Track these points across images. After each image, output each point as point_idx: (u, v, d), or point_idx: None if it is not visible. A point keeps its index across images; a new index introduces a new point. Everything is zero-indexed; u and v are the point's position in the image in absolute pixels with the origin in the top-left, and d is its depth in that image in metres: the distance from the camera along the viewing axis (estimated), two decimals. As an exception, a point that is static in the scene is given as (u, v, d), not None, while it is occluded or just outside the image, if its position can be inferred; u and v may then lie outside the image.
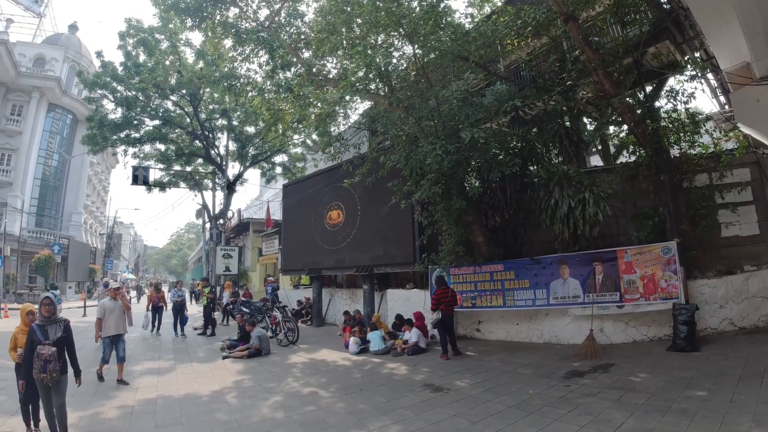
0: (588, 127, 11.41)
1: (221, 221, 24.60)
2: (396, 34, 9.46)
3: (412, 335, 10.15)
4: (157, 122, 22.56)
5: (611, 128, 10.89)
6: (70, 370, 5.28)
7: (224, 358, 10.46)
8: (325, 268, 15.52)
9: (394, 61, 9.68)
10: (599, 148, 12.04)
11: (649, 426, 4.74)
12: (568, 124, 10.12)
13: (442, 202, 9.77)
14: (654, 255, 8.25)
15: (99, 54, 21.14)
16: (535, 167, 10.04)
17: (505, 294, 9.94)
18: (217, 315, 16.73)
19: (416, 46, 9.31)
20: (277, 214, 22.52)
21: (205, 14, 11.21)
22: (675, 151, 9.25)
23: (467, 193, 9.93)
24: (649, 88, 9.77)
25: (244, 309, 14.05)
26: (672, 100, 9.13)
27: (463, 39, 8.94)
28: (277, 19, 11.48)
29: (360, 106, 12.87)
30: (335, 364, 9.52)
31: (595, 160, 13.25)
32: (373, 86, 9.63)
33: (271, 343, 11.30)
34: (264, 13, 11.79)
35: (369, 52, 8.51)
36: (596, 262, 8.81)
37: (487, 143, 8.87)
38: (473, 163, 9.77)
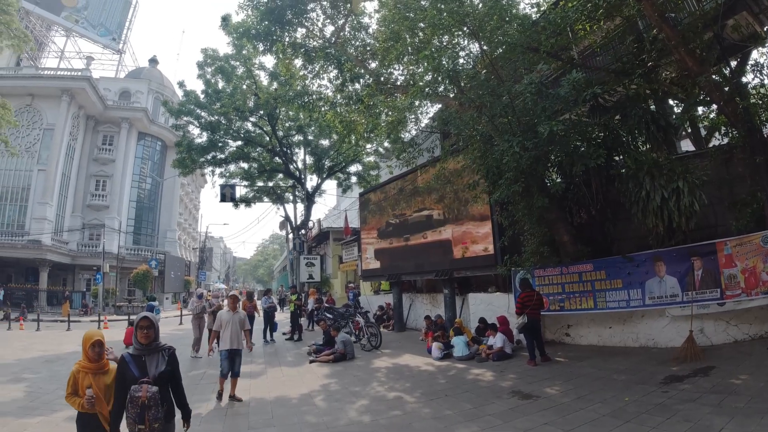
0: (675, 109, 10.53)
1: (303, 231, 25.64)
2: (460, 33, 9.31)
3: (497, 340, 9.84)
4: (239, 143, 24.06)
5: (700, 109, 9.96)
6: (178, 414, 3.85)
7: (311, 362, 10.73)
8: (404, 274, 15.52)
9: (461, 60, 9.52)
10: (689, 131, 11.06)
11: (749, 429, 4.42)
12: (653, 108, 9.38)
13: (523, 201, 9.39)
14: (754, 245, 7.39)
15: (181, 84, 23.08)
16: (622, 157, 9.38)
17: (596, 295, 9.31)
18: (303, 321, 17.27)
19: (482, 42, 9.11)
20: (354, 222, 22.97)
21: (274, 38, 11.69)
22: (768, 130, 8.29)
23: (549, 189, 9.48)
24: (733, 63, 8.86)
25: (328, 315, 14.39)
26: (758, 75, 8.24)
27: (531, 30, 8.57)
28: (342, 34, 11.76)
29: (430, 110, 12.83)
30: (419, 369, 9.44)
31: (686, 145, 12.17)
32: (441, 88, 9.52)
33: (354, 348, 11.46)
34: (329, 29, 12.16)
35: (435, 54, 8.43)
36: (694, 256, 8.02)
37: (567, 136, 8.42)
38: (553, 157, 9.32)
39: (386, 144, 16.41)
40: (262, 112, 22.48)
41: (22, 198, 34.80)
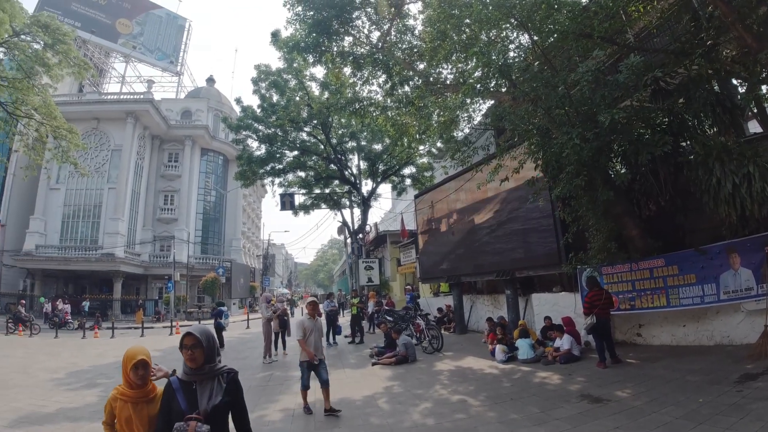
0: (739, 89, 9.75)
1: (360, 236, 26.00)
2: (508, 26, 9.07)
3: (563, 342, 9.48)
4: (295, 152, 24.88)
5: (764, 88, 9.16)
6: None
7: (373, 364, 10.78)
8: (464, 275, 15.29)
9: (512, 54, 9.29)
10: (755, 111, 10.20)
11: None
12: (717, 89, 8.74)
13: (586, 196, 8.95)
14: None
15: (238, 101, 24.16)
16: (689, 143, 8.80)
17: (668, 292, 8.73)
18: (364, 323, 17.39)
19: (532, 33, 8.83)
20: (411, 225, 22.97)
21: (323, 48, 11.94)
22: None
23: (613, 182, 9.02)
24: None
25: (388, 317, 14.44)
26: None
27: (582, 15, 8.19)
28: (388, 38, 11.82)
29: (483, 106, 12.60)
30: (482, 372, 9.27)
31: (753, 127, 11.21)
32: (493, 84, 9.30)
33: (416, 350, 11.41)
34: (375, 35, 12.24)
35: (484, 50, 8.26)
36: (768, 246, 7.39)
37: (630, 123, 7.99)
38: (616, 147, 8.84)
39: (439, 144, 16.30)
40: (315, 121, 23.09)
41: (94, 215, 37.24)
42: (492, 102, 11.73)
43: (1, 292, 33.39)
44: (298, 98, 22.72)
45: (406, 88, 11.84)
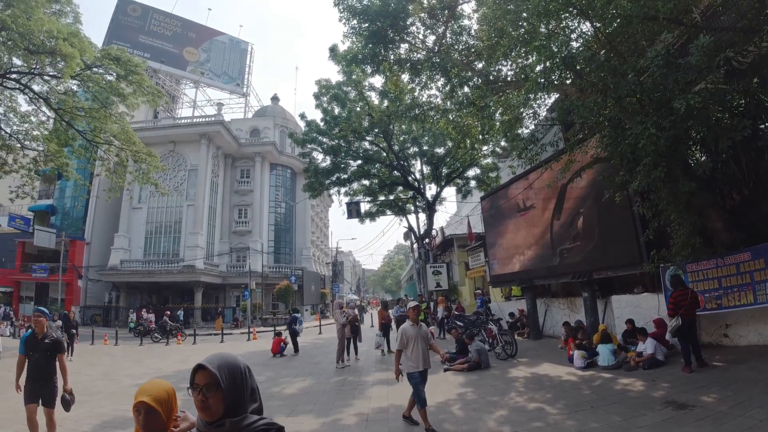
0: None
1: (427, 240, 25.87)
2: (568, 15, 8.68)
3: (647, 346, 8.91)
4: (359, 162, 25.32)
5: None
6: None
7: (445, 370, 10.66)
8: (537, 278, 14.73)
9: (574, 44, 8.89)
10: None
11: None
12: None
13: (666, 188, 8.30)
14: None
15: (302, 116, 24.96)
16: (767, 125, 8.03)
17: (756, 288, 7.93)
18: (433, 329, 17.24)
19: (594, 21, 8.41)
20: (478, 227, 22.57)
21: (380, 58, 12.03)
22: None
23: (694, 171, 8.36)
24: None
25: (458, 323, 14.22)
26: None
27: (645, -2, 7.71)
28: (444, 41, 11.70)
29: (548, 101, 12.15)
30: (560, 379, 8.92)
31: None
32: (556, 76, 8.94)
33: (489, 356, 11.16)
34: (431, 39, 12.15)
35: (545, 43, 7.96)
36: None
37: (706, 108, 7.37)
38: (694, 134, 8.22)
39: (503, 143, 15.91)
40: (376, 130, 23.40)
41: (175, 230, 40.15)
42: (557, 96, 11.30)
43: (87, 304, 36.96)
44: (358, 109, 23.13)
45: (466, 89, 11.63)
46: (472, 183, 25.77)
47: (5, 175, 19.94)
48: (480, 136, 13.18)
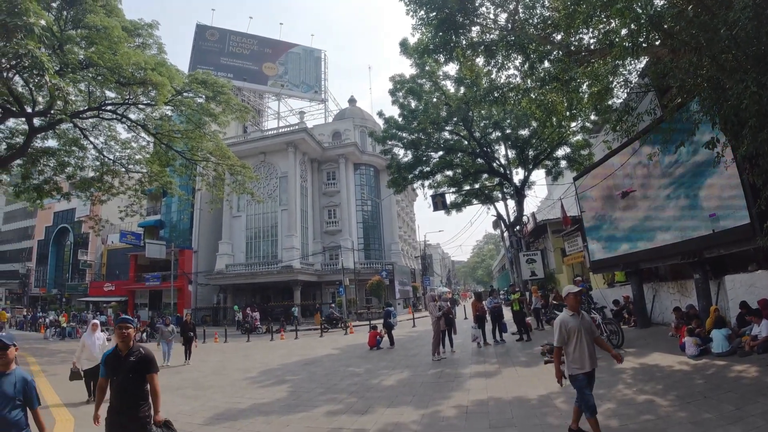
0: None
1: (518, 228, 24.91)
2: (647, -31, 7.82)
3: (761, 329, 8.04)
4: (440, 153, 25.01)
5: None
6: None
7: (546, 362, 10.20)
8: (642, 260, 13.51)
9: (657, 1, 8.04)
10: None
11: None
12: None
13: (774, 151, 7.30)
14: None
15: (380, 114, 25.08)
16: None
17: None
18: (530, 320, 16.63)
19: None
20: (572, 210, 21.32)
21: (451, 45, 11.65)
22: None
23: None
24: None
25: (557, 312, 13.55)
26: None
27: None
28: (516, 17, 11.06)
29: (638, 66, 11.09)
30: (670, 369, 8.22)
31: None
32: (642, 38, 8.10)
33: (593, 348, 10.52)
34: (503, 17, 11.53)
35: (627, 5, 7.25)
36: None
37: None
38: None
39: (593, 117, 14.86)
40: (456, 118, 22.89)
41: (272, 234, 43.00)
42: (647, 60, 10.30)
43: (198, 306, 40.89)
44: (435, 99, 22.85)
45: (546, 64, 10.91)
46: (563, 163, 24.23)
47: (113, 197, 22.36)
48: (567, 113, 12.29)
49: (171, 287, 37.98)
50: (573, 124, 19.82)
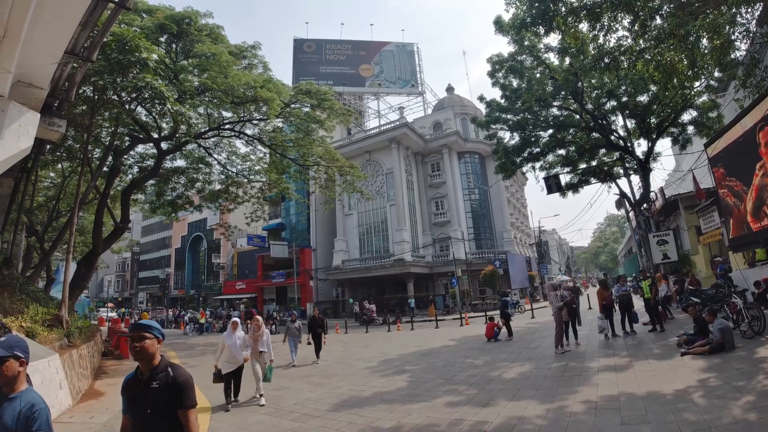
0: None
1: (645, 206, 22.73)
2: None
3: None
4: (550, 131, 23.63)
5: None
6: None
7: (682, 354, 9.34)
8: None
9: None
10: None
11: None
12: None
13: None
14: None
15: (481, 98, 24.22)
16: None
17: None
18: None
19: None
20: (705, 182, 18.97)
21: (550, 14, 11.03)
22: None
23: None
24: None
25: (694, 299, 12.23)
26: None
27: None
28: (618, -28, 10.12)
29: (756, 13, 9.62)
30: (821, 356, 7.08)
31: None
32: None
33: (733, 336, 9.40)
34: (603, -25, 10.62)
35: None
36: None
37: None
38: None
39: (717, 74, 13.14)
40: (563, 92, 21.47)
41: (382, 229, 44.39)
42: (762, 5, 8.87)
43: (319, 300, 44.07)
44: (538, 75, 21.68)
45: (658, 21, 9.89)
46: (690, 129, 21.54)
47: (239, 206, 24.88)
48: (689, 72, 11.01)
49: (294, 283, 42.48)
50: (696, 84, 17.59)
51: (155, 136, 19.84)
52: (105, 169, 19.33)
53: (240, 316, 23.44)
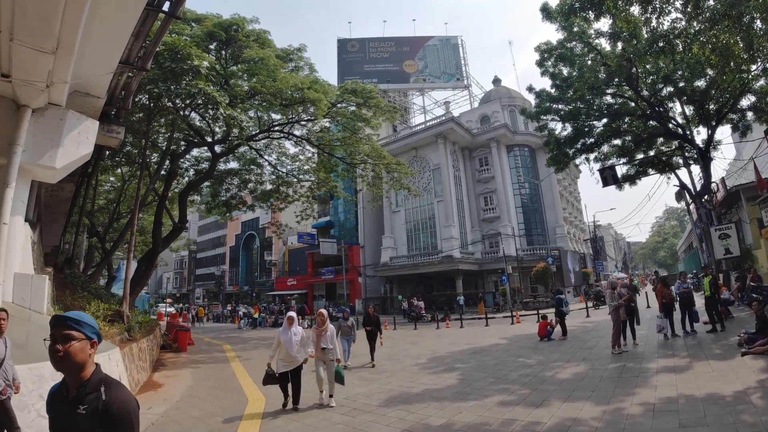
0: None
1: (706, 198, 21.50)
2: None
3: None
4: (604, 120, 22.82)
5: None
6: None
7: (743, 354, 8.97)
8: None
9: None
10: None
11: None
12: None
13: None
14: None
15: (530, 89, 23.54)
16: None
17: None
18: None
19: None
20: (766, 171, 17.68)
21: (599, -3, 10.63)
22: None
23: None
24: None
25: (755, 296, 11.52)
26: None
27: None
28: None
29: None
30: None
31: None
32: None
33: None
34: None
35: None
36: None
37: None
38: None
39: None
40: (617, 79, 20.59)
41: (430, 226, 44.16)
42: None
43: (367, 296, 44.61)
44: (589, 62, 20.79)
45: (711, 2, 9.35)
46: (749, 115, 20.18)
47: (289, 205, 25.64)
48: (744, 54, 10.36)
49: (343, 280, 43.37)
50: (753, 68, 16.44)
51: (209, 139, 20.69)
52: (163, 172, 20.34)
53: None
